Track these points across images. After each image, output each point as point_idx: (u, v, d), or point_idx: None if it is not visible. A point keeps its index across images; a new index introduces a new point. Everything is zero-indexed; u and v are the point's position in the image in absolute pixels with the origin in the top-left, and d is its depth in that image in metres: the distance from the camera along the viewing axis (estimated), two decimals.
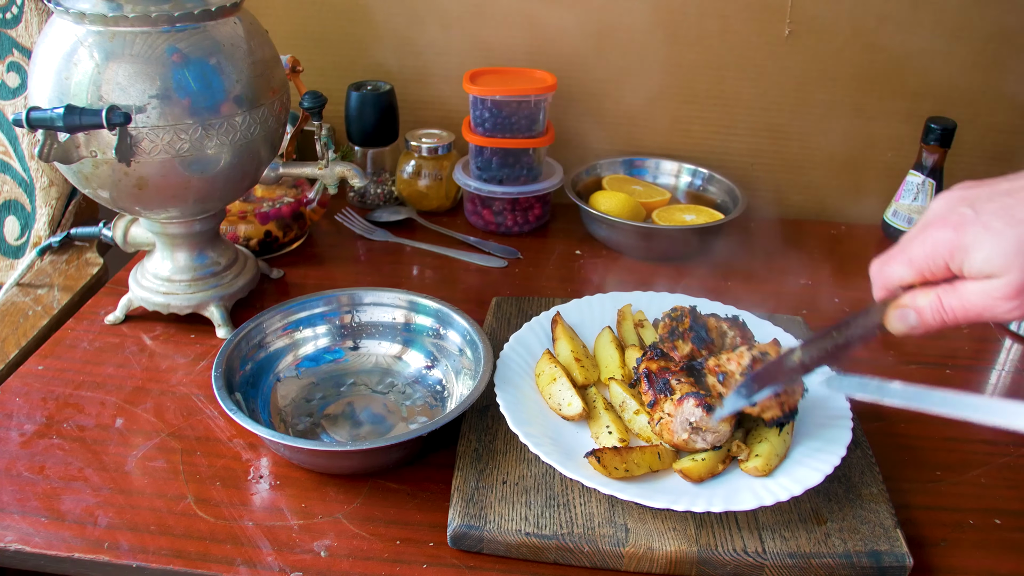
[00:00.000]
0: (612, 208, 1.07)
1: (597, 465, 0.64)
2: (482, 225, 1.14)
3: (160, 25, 0.73)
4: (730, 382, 0.66)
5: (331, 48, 1.20)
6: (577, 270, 1.05)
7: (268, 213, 1.01)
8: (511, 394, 0.73)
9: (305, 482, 0.70)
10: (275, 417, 0.76)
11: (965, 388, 0.84)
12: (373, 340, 0.85)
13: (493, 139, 1.07)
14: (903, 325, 0.56)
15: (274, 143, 0.84)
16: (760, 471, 0.66)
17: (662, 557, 0.62)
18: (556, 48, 1.16)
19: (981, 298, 0.53)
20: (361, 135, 1.15)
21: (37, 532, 0.64)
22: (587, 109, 1.20)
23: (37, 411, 0.77)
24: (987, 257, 0.52)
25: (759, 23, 1.11)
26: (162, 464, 0.71)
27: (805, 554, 0.61)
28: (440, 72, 1.20)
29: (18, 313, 0.93)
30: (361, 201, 1.19)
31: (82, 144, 0.73)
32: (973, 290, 0.53)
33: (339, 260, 1.06)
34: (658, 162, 1.21)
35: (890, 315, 0.56)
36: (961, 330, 0.94)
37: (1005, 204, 0.52)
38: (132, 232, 0.91)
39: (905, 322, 0.56)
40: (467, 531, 0.63)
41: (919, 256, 0.55)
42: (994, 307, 0.52)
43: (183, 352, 0.86)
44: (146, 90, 0.72)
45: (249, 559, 0.62)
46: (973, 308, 0.53)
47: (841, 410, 0.72)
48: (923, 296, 0.55)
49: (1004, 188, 0.53)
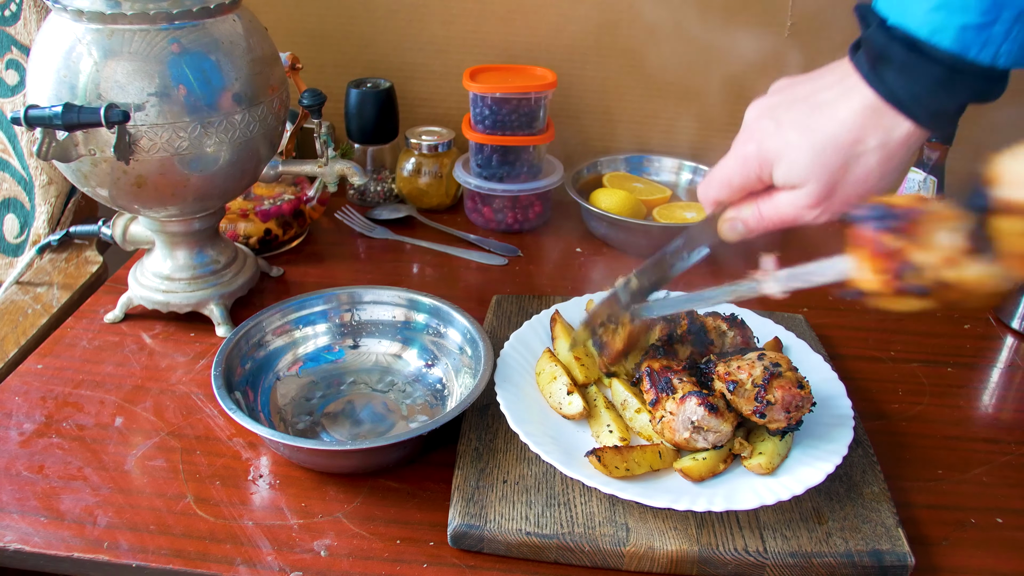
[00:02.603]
0: (613, 206, 1.07)
1: (598, 464, 0.64)
2: (482, 223, 1.13)
3: (159, 22, 0.72)
4: (740, 392, 0.66)
5: (330, 45, 1.20)
6: (578, 268, 1.05)
7: (268, 211, 1.01)
8: (511, 393, 0.73)
9: (305, 481, 0.70)
10: (275, 416, 0.76)
11: (967, 385, 0.85)
12: (373, 338, 0.84)
13: (493, 136, 1.07)
14: (734, 234, 0.60)
15: (273, 141, 0.84)
16: (764, 469, 0.65)
17: (663, 556, 0.61)
18: (557, 45, 1.16)
19: (790, 207, 0.57)
20: (361, 133, 1.15)
21: (36, 532, 0.64)
22: (587, 106, 1.20)
23: (36, 410, 0.77)
24: (787, 170, 0.55)
25: (761, 19, 1.11)
26: (162, 463, 0.71)
27: (806, 553, 0.61)
28: (440, 69, 1.20)
29: (17, 311, 0.93)
30: (361, 199, 1.19)
31: (81, 142, 0.73)
32: (784, 200, 0.57)
33: (339, 258, 1.05)
34: (659, 159, 1.21)
35: (722, 227, 0.61)
36: (962, 327, 0.94)
37: (801, 113, 0.55)
38: (131, 230, 0.91)
39: (735, 231, 0.60)
40: (467, 530, 0.63)
41: (733, 174, 0.59)
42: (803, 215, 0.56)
43: (183, 351, 0.86)
44: (145, 88, 0.72)
45: (249, 558, 0.62)
46: (787, 215, 0.57)
47: (842, 409, 0.71)
48: (746, 208, 0.59)
49: (803, 92, 0.56)
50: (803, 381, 0.66)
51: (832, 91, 0.54)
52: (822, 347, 0.83)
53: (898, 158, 0.54)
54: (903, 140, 0.53)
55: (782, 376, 0.65)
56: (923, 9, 0.50)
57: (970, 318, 0.96)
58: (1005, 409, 0.82)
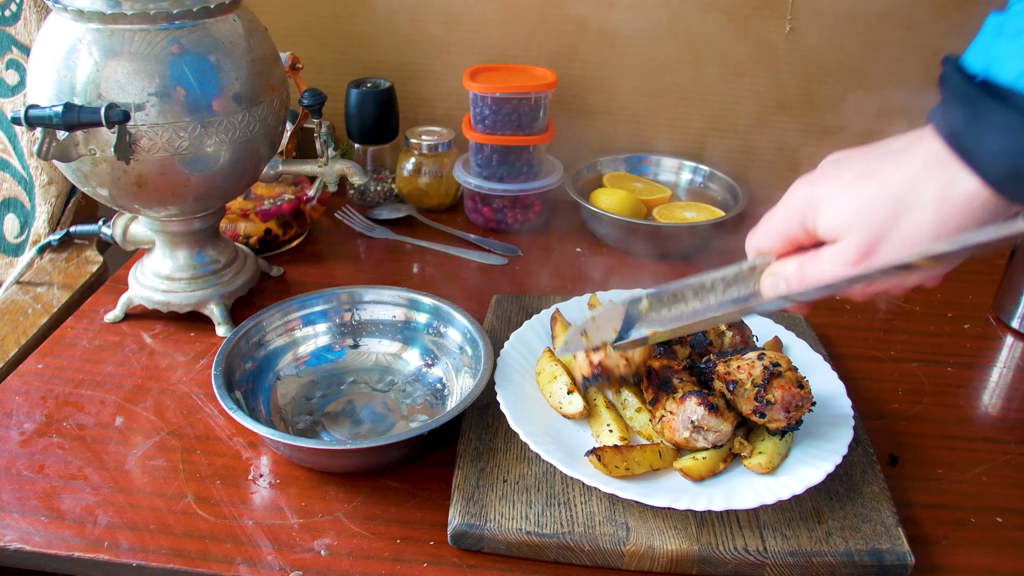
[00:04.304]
0: (613, 206, 1.07)
1: (598, 464, 0.64)
2: (482, 223, 1.13)
3: (159, 22, 0.72)
4: (740, 391, 0.66)
5: (331, 45, 1.20)
6: (578, 268, 1.05)
7: (268, 211, 1.01)
8: (511, 392, 0.73)
9: (305, 481, 0.70)
10: (275, 415, 0.76)
11: (967, 385, 0.85)
12: (373, 338, 0.84)
13: (493, 136, 1.07)
14: (774, 291, 0.54)
15: (273, 141, 0.84)
16: (764, 468, 0.65)
17: (663, 556, 0.62)
18: (557, 45, 1.16)
19: (831, 264, 0.49)
20: (361, 132, 1.15)
21: (37, 531, 0.64)
22: (587, 106, 1.20)
23: (37, 410, 0.77)
24: (830, 216, 0.49)
25: (760, 19, 1.11)
26: (162, 463, 0.71)
27: (806, 553, 0.61)
28: (440, 69, 1.20)
29: (18, 311, 0.93)
30: (361, 199, 1.19)
31: (81, 142, 0.73)
32: (826, 256, 0.50)
33: (339, 258, 1.06)
34: (659, 159, 1.21)
35: (763, 282, 0.55)
36: (962, 327, 0.94)
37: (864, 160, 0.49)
38: (132, 230, 0.91)
39: (775, 289, 0.54)
40: (467, 530, 0.63)
41: (779, 219, 0.53)
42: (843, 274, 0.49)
43: (183, 350, 0.86)
44: (145, 88, 0.72)
45: (249, 558, 0.62)
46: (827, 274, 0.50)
47: (842, 409, 0.71)
48: (789, 263, 0.53)
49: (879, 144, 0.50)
50: (803, 381, 0.66)
51: (903, 142, 0.49)
52: (822, 347, 0.83)
53: (957, 221, 0.45)
54: (966, 199, 0.45)
55: (782, 376, 0.65)
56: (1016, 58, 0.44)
57: (970, 318, 0.96)
58: (1005, 408, 0.82)
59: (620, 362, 0.68)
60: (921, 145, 0.47)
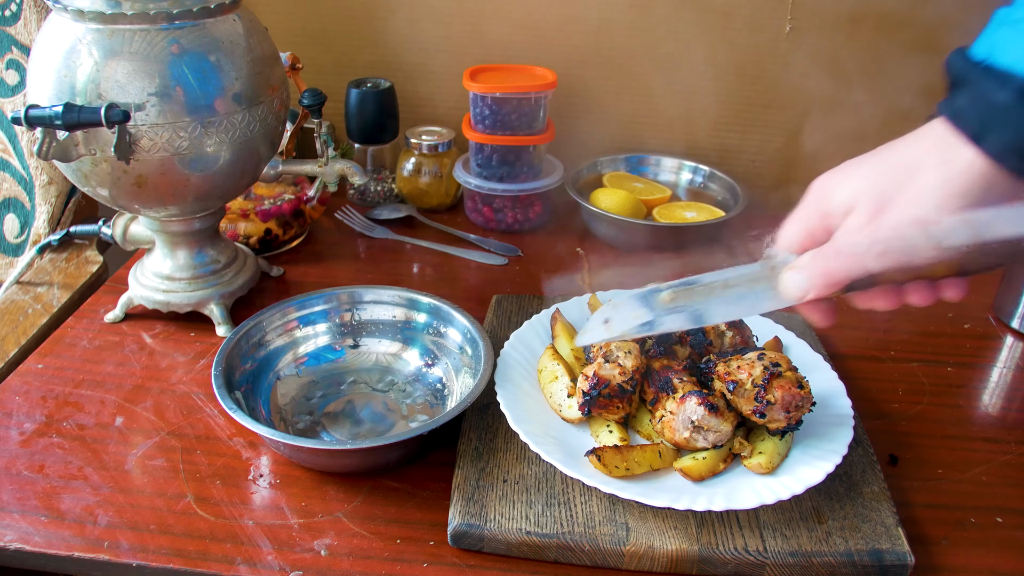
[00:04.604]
0: (613, 205, 1.07)
1: (598, 464, 0.64)
2: (482, 222, 1.13)
3: (159, 22, 0.72)
4: (740, 391, 0.66)
5: (331, 45, 1.20)
6: (578, 268, 1.05)
7: (268, 211, 1.01)
8: (511, 392, 0.73)
9: (305, 481, 0.70)
10: (275, 415, 0.76)
11: (967, 385, 0.85)
12: (373, 338, 0.84)
13: (493, 136, 1.07)
14: (794, 289, 0.54)
15: (273, 141, 0.84)
16: (764, 468, 0.65)
17: (663, 556, 0.62)
18: (557, 45, 1.16)
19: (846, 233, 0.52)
20: (361, 132, 1.15)
21: (37, 531, 0.64)
22: (588, 106, 1.20)
23: (37, 410, 0.77)
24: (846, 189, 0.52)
25: (760, 19, 1.11)
26: (162, 463, 0.71)
27: (806, 553, 0.61)
28: (440, 69, 1.20)
29: (18, 311, 0.93)
30: (361, 199, 1.19)
31: (81, 142, 0.73)
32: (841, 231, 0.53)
33: (339, 258, 1.06)
34: (659, 159, 1.21)
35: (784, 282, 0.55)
36: (962, 327, 0.94)
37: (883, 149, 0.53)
38: (132, 230, 0.91)
39: (795, 285, 0.54)
40: (467, 530, 0.63)
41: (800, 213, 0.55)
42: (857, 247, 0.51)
43: (183, 350, 0.86)
44: (145, 88, 0.72)
45: (249, 558, 0.62)
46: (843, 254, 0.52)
47: (842, 409, 0.71)
48: (807, 254, 0.54)
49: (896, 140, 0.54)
50: (803, 381, 0.66)
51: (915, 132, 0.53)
52: (822, 347, 0.83)
53: (958, 186, 0.49)
54: (966, 168, 0.48)
55: (782, 376, 0.65)
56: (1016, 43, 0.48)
57: (970, 318, 0.96)
58: (1005, 409, 0.82)
59: (614, 371, 0.68)
60: (930, 130, 0.51)
